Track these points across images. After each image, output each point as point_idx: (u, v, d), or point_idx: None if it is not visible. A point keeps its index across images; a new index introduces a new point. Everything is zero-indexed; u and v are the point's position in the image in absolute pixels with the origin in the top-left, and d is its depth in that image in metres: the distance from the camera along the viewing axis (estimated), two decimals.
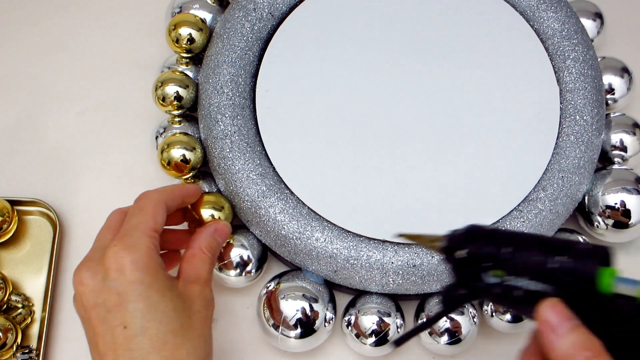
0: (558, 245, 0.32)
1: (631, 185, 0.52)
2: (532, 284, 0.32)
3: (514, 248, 0.33)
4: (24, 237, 0.54)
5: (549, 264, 0.32)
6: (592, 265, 0.31)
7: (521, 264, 0.33)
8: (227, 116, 0.51)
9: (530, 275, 0.32)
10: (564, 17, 0.55)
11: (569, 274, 0.31)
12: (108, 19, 0.62)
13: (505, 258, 0.33)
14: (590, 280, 0.31)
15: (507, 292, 0.33)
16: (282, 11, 0.55)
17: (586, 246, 0.32)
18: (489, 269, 0.33)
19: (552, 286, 0.32)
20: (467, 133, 0.52)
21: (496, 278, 0.33)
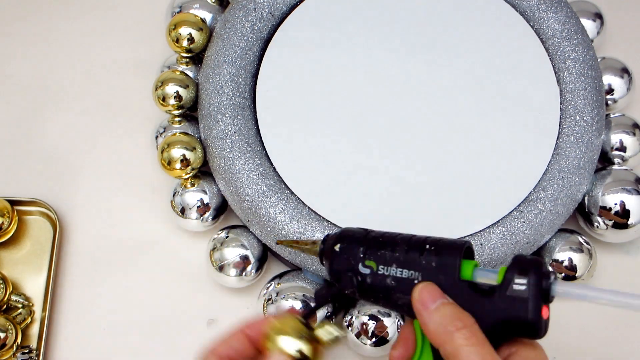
0: (423, 242, 0.37)
1: (631, 185, 0.52)
2: (402, 272, 0.36)
3: (384, 243, 0.37)
4: (24, 237, 0.54)
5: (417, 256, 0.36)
6: (456, 256, 0.35)
7: (388, 254, 0.37)
8: (227, 116, 0.51)
9: (399, 264, 0.36)
10: (564, 17, 0.55)
11: (435, 263, 0.36)
12: (108, 19, 0.62)
13: (373, 251, 0.37)
14: (453, 269, 0.35)
15: (379, 281, 0.37)
16: (283, 11, 0.55)
17: (447, 240, 0.37)
18: (362, 260, 0.37)
19: (419, 273, 0.36)
20: (467, 133, 0.52)
21: (368, 269, 0.37)
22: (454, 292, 0.35)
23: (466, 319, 0.34)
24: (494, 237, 0.48)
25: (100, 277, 0.53)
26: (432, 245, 0.36)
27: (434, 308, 0.35)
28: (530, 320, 0.33)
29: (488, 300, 0.34)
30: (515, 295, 0.33)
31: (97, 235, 0.54)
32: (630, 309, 0.33)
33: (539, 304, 0.33)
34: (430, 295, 0.35)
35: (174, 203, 0.52)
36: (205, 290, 0.52)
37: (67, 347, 0.51)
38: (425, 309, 0.35)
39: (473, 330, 0.33)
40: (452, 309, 0.34)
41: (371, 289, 0.37)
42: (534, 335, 0.34)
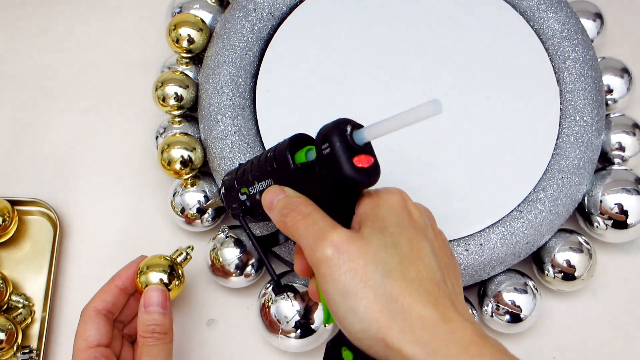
0: (267, 152, 0.39)
1: (631, 185, 0.52)
2: (262, 185, 0.39)
3: (248, 169, 0.41)
4: (24, 237, 0.54)
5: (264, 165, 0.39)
6: (284, 148, 0.38)
7: (250, 176, 0.40)
8: (227, 116, 0.51)
9: (258, 179, 0.40)
10: (564, 17, 0.55)
11: (275, 163, 0.38)
12: (108, 19, 0.62)
13: (242, 179, 0.41)
14: (285, 160, 0.37)
15: (253, 200, 0.41)
16: (282, 11, 0.55)
17: (281, 141, 0.39)
18: (238, 191, 0.42)
19: (270, 179, 0.39)
20: (468, 133, 0.52)
21: (244, 195, 0.41)
22: (292, 181, 0.37)
23: (293, 203, 0.36)
24: (493, 237, 0.48)
25: (100, 277, 0.52)
26: (272, 152, 0.39)
27: (273, 207, 0.37)
28: (347, 175, 0.34)
29: (314, 174, 0.36)
30: (327, 159, 0.34)
31: (97, 235, 0.54)
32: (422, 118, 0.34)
33: (348, 157, 0.34)
34: (270, 196, 0.37)
35: (174, 203, 0.52)
36: (205, 290, 0.52)
37: (67, 347, 0.51)
38: (270, 211, 0.37)
39: (299, 209, 0.35)
40: (284, 201, 0.37)
41: (252, 209, 0.41)
42: (362, 185, 0.35)
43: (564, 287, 0.51)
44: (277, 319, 0.48)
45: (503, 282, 0.50)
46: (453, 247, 0.48)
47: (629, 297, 0.54)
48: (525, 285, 0.50)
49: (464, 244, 0.48)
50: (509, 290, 0.49)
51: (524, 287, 0.50)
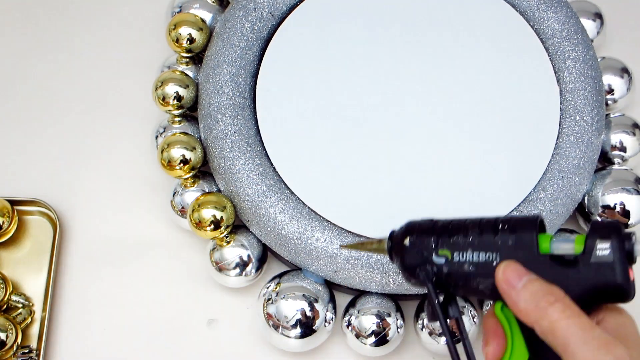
0: (494, 222, 0.36)
1: (631, 185, 0.52)
2: (480, 255, 0.35)
3: (454, 229, 0.36)
4: (24, 237, 0.54)
5: (492, 237, 0.35)
6: (532, 231, 0.35)
7: (461, 240, 0.36)
8: (227, 116, 0.51)
9: (475, 248, 0.35)
10: (564, 17, 0.55)
11: (512, 241, 0.35)
12: (108, 19, 0.62)
13: (445, 239, 0.36)
14: (532, 244, 0.34)
15: (456, 268, 0.36)
16: (282, 11, 0.55)
17: (519, 216, 0.35)
18: (435, 251, 0.36)
19: (496, 253, 0.35)
20: (468, 133, 0.52)
21: (443, 258, 0.36)
22: (536, 267, 0.34)
23: (557, 292, 0.33)
24: None
25: (100, 277, 0.53)
26: (505, 224, 0.35)
27: (522, 286, 0.34)
28: (620, 284, 0.33)
29: (573, 270, 0.34)
30: (600, 261, 0.33)
31: (97, 235, 0.54)
32: None
33: (625, 266, 0.33)
34: (515, 273, 0.34)
35: (174, 203, 0.52)
36: (205, 290, 0.52)
37: (67, 347, 0.51)
38: (513, 288, 0.34)
39: (566, 303, 0.33)
40: (540, 284, 0.33)
41: (449, 278, 0.36)
42: (623, 299, 0.34)
43: None
44: (277, 318, 0.48)
45: None
46: None
47: None
48: None
49: None
50: None
51: None
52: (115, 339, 0.51)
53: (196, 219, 0.49)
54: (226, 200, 0.50)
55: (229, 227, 0.49)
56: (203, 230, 0.49)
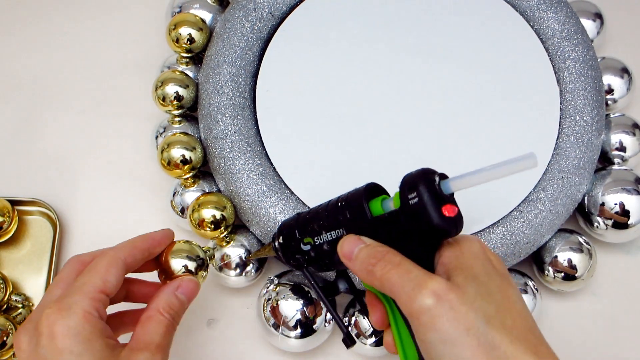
0: (336, 201, 0.39)
1: (631, 185, 0.52)
2: (331, 234, 0.39)
3: (311, 218, 0.40)
4: (24, 237, 0.54)
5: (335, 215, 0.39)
6: (359, 199, 0.38)
7: (316, 225, 0.40)
8: (227, 116, 0.51)
9: (326, 229, 0.39)
10: (564, 17, 0.55)
11: (349, 214, 0.38)
12: (108, 19, 0.62)
13: (305, 229, 0.41)
14: (362, 211, 0.37)
15: (319, 250, 0.40)
16: (282, 11, 0.55)
17: (352, 191, 0.39)
18: (301, 240, 0.41)
19: (342, 228, 0.38)
20: (468, 133, 0.52)
21: (308, 245, 0.41)
22: (371, 231, 0.37)
23: (379, 252, 0.36)
24: (494, 237, 0.48)
25: None
26: (343, 201, 0.39)
27: (354, 257, 0.37)
28: (436, 225, 0.34)
29: (398, 224, 0.36)
30: (414, 210, 0.35)
31: (97, 235, 0.54)
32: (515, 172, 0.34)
33: (437, 206, 0.35)
34: (348, 246, 0.37)
35: (174, 203, 0.52)
36: (205, 290, 0.52)
37: None
38: (350, 260, 0.37)
39: (387, 259, 0.35)
40: (367, 250, 0.36)
41: (317, 260, 0.41)
42: (448, 236, 0.36)
43: (564, 287, 0.51)
44: (277, 318, 0.48)
45: None
46: None
47: (629, 297, 0.54)
48: (526, 285, 0.50)
49: None
50: None
51: (524, 287, 0.50)
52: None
53: (196, 219, 0.49)
54: (226, 200, 0.50)
55: (229, 227, 0.49)
56: (203, 230, 0.49)
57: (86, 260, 0.41)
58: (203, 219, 0.49)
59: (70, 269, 0.41)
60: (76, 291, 0.38)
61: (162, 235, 0.45)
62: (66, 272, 0.41)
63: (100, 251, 0.41)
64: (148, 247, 0.43)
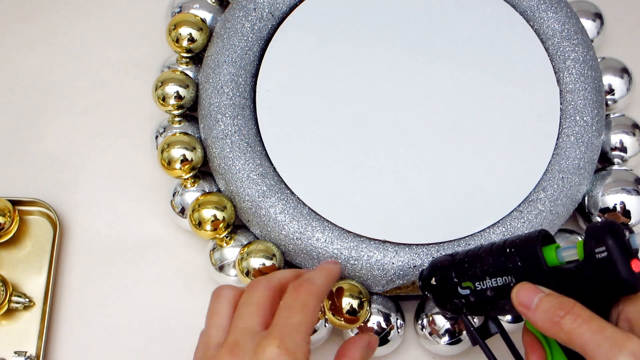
0: (503, 246, 0.39)
1: (631, 186, 0.52)
2: (497, 281, 0.38)
3: (471, 261, 0.40)
4: (24, 237, 0.54)
5: (503, 261, 0.38)
6: (533, 247, 0.37)
7: (478, 270, 0.39)
8: (227, 116, 0.51)
9: (491, 275, 0.39)
10: (564, 17, 0.55)
11: (520, 261, 0.37)
12: (108, 19, 0.62)
13: (465, 272, 0.40)
14: (537, 260, 0.37)
15: (480, 296, 0.40)
16: (283, 11, 0.55)
17: (523, 236, 0.38)
18: (459, 284, 0.40)
19: (511, 276, 0.38)
20: (467, 133, 0.52)
21: (467, 289, 0.40)
22: (547, 281, 0.37)
23: (566, 304, 0.35)
24: (494, 237, 0.48)
25: (100, 277, 0.53)
26: (512, 247, 0.38)
27: (534, 306, 0.36)
28: (624, 279, 0.34)
29: (580, 277, 0.36)
30: (602, 263, 0.34)
31: (97, 235, 0.54)
32: None
33: (626, 261, 0.34)
34: (526, 294, 0.36)
35: (174, 203, 0.52)
36: (206, 290, 0.52)
37: (67, 347, 0.51)
38: (528, 310, 0.36)
39: (576, 312, 0.34)
40: (550, 300, 0.35)
41: (477, 305, 0.40)
42: (633, 291, 0.35)
43: None
44: None
45: None
46: (453, 247, 0.48)
47: None
48: None
49: (464, 245, 0.48)
50: None
51: None
52: (115, 339, 0.51)
53: (196, 219, 0.49)
54: (226, 201, 0.50)
55: (229, 227, 0.49)
56: (203, 230, 0.49)
57: (275, 285, 0.39)
58: (203, 219, 0.49)
59: (265, 295, 0.38)
60: (295, 331, 0.36)
61: (338, 271, 0.44)
62: (262, 298, 0.38)
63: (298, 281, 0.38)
64: (333, 284, 0.42)
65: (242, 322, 0.37)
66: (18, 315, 0.51)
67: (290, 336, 0.35)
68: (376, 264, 0.47)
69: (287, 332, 0.35)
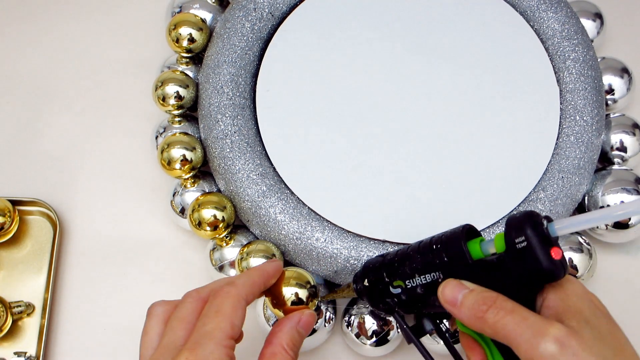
0: (430, 243, 0.39)
1: (631, 185, 0.52)
2: (425, 277, 0.38)
3: (400, 260, 0.40)
4: (24, 237, 0.54)
5: (430, 258, 0.38)
6: (458, 243, 0.37)
7: (407, 268, 0.39)
8: (227, 116, 0.51)
9: (419, 272, 0.39)
10: (564, 17, 0.55)
11: (446, 257, 0.37)
12: (108, 19, 0.62)
13: (395, 271, 0.40)
14: (462, 255, 0.37)
15: (411, 294, 0.39)
16: (283, 11, 0.55)
17: (449, 232, 0.38)
18: (390, 283, 0.40)
19: (438, 272, 0.38)
20: (468, 133, 0.52)
21: (398, 288, 0.40)
22: (472, 276, 0.37)
23: (488, 298, 0.35)
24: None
25: (100, 277, 0.53)
26: (438, 243, 0.38)
27: (460, 303, 0.36)
28: (545, 268, 0.34)
29: (503, 268, 0.36)
30: (521, 254, 0.34)
31: (97, 235, 0.54)
32: (624, 217, 0.34)
33: (545, 249, 0.34)
34: (451, 291, 0.36)
35: (174, 203, 0.52)
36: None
37: (67, 347, 0.51)
38: (454, 307, 0.36)
39: (498, 304, 0.34)
40: (474, 295, 0.35)
41: (409, 303, 0.40)
42: (555, 279, 0.35)
43: None
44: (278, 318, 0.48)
45: None
46: None
47: (629, 297, 0.54)
48: None
49: None
50: None
51: None
52: (115, 339, 0.51)
53: (196, 219, 0.49)
54: (226, 201, 0.50)
55: (229, 227, 0.49)
56: (203, 230, 0.49)
57: (204, 296, 0.39)
58: (203, 219, 0.49)
59: (191, 308, 0.38)
60: (207, 338, 0.36)
61: (274, 269, 0.43)
62: (187, 311, 0.38)
63: (219, 287, 0.39)
64: (264, 282, 0.42)
65: (166, 338, 0.37)
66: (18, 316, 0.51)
67: (202, 345, 0.35)
68: None
69: (199, 341, 0.36)
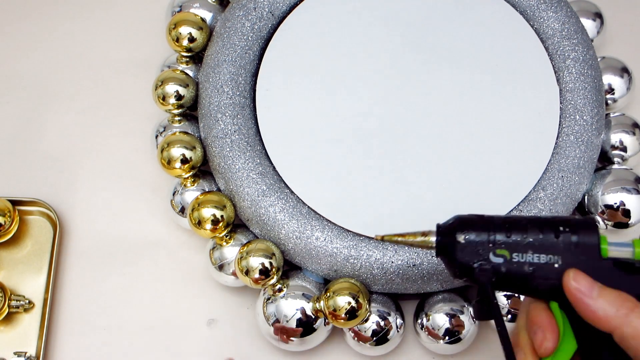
0: (553, 221, 0.35)
1: (631, 185, 0.52)
2: (540, 258, 0.35)
3: (511, 228, 0.35)
4: (24, 237, 0.54)
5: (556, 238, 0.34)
6: (595, 235, 0.34)
7: (524, 240, 0.35)
8: (227, 115, 0.51)
9: (535, 250, 0.35)
10: (564, 17, 0.55)
11: (575, 244, 0.34)
12: (108, 19, 0.62)
13: (507, 238, 0.35)
14: (595, 248, 0.34)
15: (515, 269, 0.35)
16: (283, 10, 0.55)
17: (572, 218, 0.35)
18: (492, 250, 0.35)
19: (558, 256, 0.34)
20: (467, 133, 0.52)
21: (500, 258, 0.35)
22: (599, 273, 0.34)
23: (630, 298, 0.33)
24: None
25: (100, 277, 0.53)
26: (566, 226, 0.35)
27: (597, 295, 0.34)
28: None
29: (637, 276, 0.34)
30: None
31: (97, 235, 0.54)
32: None
33: None
34: (586, 282, 0.34)
35: (174, 202, 0.52)
36: (205, 290, 0.52)
37: (67, 347, 0.51)
38: (589, 297, 0.34)
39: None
40: (614, 292, 0.34)
41: (505, 278, 0.35)
42: None
43: None
44: (277, 318, 0.47)
45: None
46: None
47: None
48: None
49: None
50: None
51: None
52: (115, 339, 0.51)
53: (196, 218, 0.49)
54: (226, 200, 0.50)
55: (229, 226, 0.49)
56: (203, 229, 0.49)
57: None
58: (203, 218, 0.49)
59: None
60: None
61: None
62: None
63: None
64: None
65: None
66: (18, 316, 0.51)
67: None
68: (375, 263, 0.47)
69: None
